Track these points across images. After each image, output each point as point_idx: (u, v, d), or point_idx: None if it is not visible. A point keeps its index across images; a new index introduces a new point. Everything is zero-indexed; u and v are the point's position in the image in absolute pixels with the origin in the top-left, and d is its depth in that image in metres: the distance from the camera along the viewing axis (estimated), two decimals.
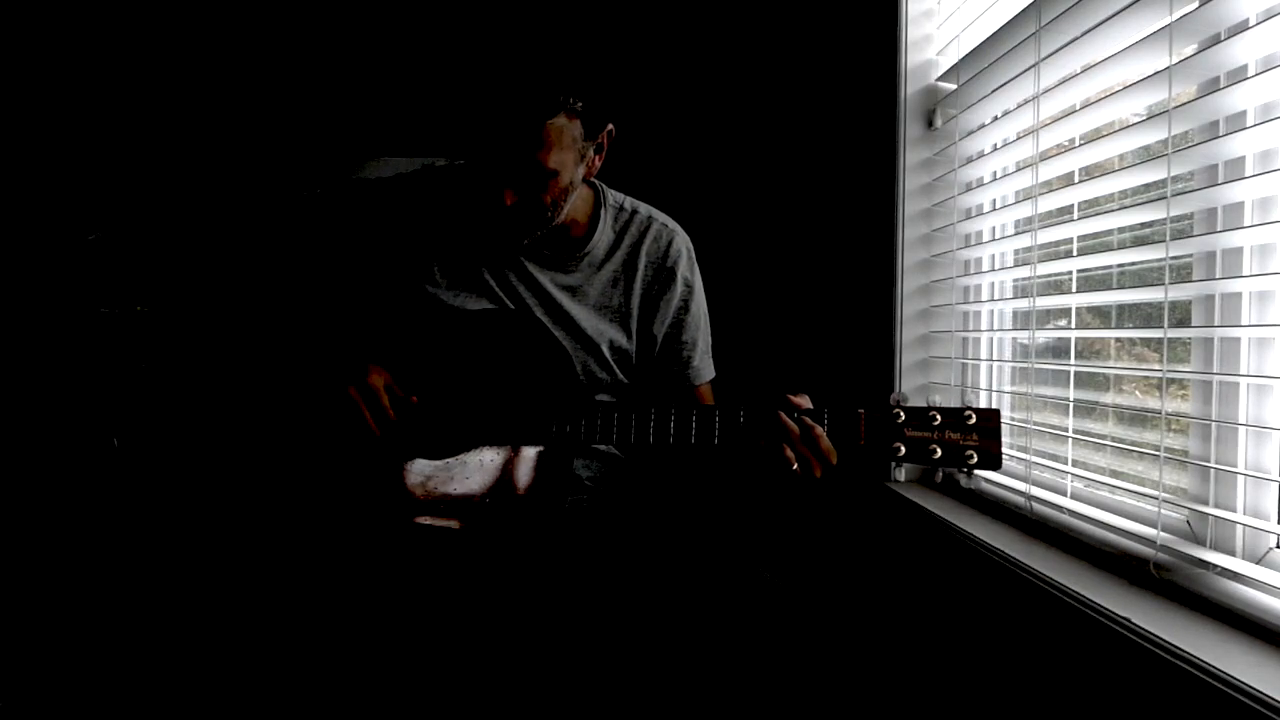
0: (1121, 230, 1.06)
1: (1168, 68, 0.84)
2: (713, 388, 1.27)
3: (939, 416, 0.91)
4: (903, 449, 0.91)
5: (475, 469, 1.01)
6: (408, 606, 1.02)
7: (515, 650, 1.02)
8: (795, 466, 0.91)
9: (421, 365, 1.06)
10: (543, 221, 1.08)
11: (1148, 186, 0.98)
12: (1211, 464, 0.85)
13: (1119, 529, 0.94)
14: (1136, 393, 1.08)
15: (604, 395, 1.20)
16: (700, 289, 1.24)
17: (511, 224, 1.06)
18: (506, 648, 1.02)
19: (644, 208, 1.23)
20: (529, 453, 1.01)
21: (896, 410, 0.92)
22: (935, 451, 0.91)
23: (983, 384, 1.31)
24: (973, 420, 0.90)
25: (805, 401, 0.94)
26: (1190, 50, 0.86)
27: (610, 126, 1.09)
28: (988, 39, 1.18)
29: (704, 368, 1.24)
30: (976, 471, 0.91)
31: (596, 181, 1.20)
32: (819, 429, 0.91)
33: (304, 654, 1.01)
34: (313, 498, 1.02)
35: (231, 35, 2.23)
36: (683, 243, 1.23)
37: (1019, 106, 1.15)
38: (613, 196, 1.22)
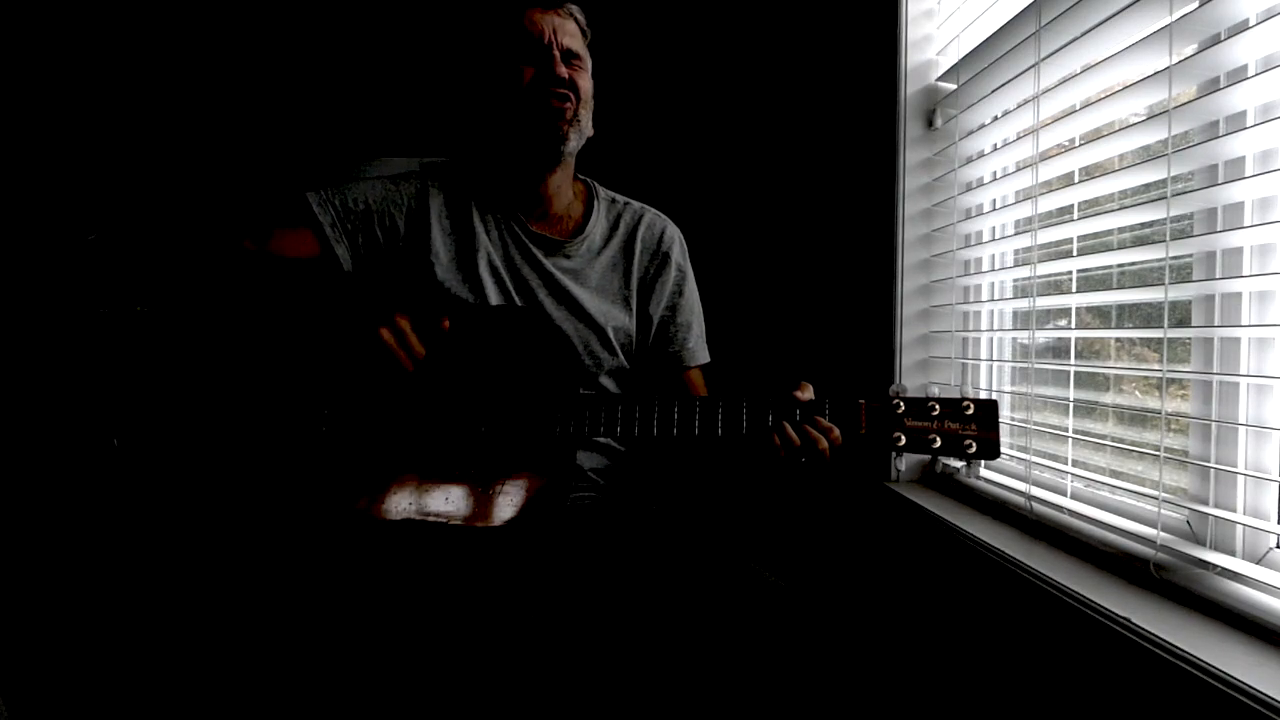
0: (1121, 230, 1.06)
1: (1168, 68, 0.84)
2: (714, 380, 1.30)
3: (938, 407, 0.92)
4: (903, 439, 0.93)
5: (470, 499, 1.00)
6: (406, 603, 1.02)
7: (514, 651, 1.02)
8: (804, 459, 0.94)
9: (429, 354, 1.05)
10: (578, 119, 1.13)
11: (1148, 186, 0.98)
12: (1211, 464, 0.85)
13: (1119, 529, 0.94)
14: (1136, 393, 1.08)
15: (606, 379, 1.22)
16: (692, 276, 1.30)
17: (557, 109, 1.11)
18: (506, 648, 1.02)
19: (635, 203, 1.30)
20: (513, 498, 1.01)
21: (896, 401, 0.94)
22: (935, 441, 0.92)
23: (983, 384, 1.31)
24: (971, 411, 0.92)
25: (808, 392, 0.95)
26: (1190, 50, 0.86)
27: None
28: (988, 39, 1.18)
29: (698, 350, 1.29)
30: (975, 461, 0.92)
31: (588, 179, 1.28)
32: (835, 430, 0.93)
33: (308, 649, 1.01)
34: (312, 496, 1.02)
35: (233, 35, 2.23)
36: (674, 232, 1.30)
37: (1019, 106, 1.15)
38: (604, 191, 1.28)
